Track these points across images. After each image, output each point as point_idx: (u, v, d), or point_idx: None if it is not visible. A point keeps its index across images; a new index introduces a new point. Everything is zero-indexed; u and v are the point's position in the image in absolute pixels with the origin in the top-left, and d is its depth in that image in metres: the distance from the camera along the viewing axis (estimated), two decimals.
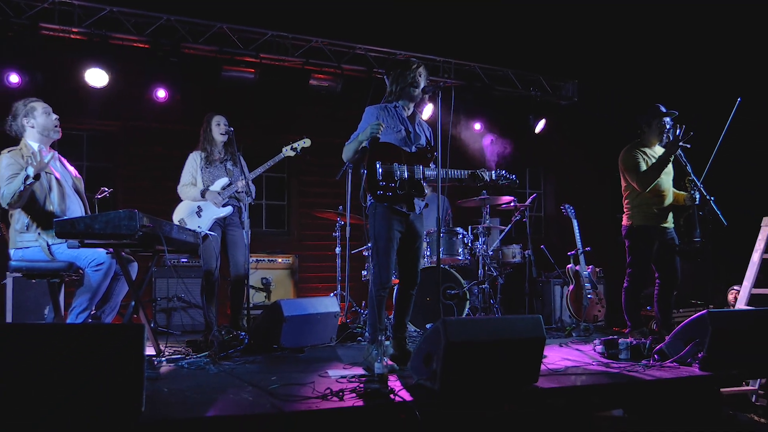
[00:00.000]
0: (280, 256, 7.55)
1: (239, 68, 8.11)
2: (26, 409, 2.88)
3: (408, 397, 3.60)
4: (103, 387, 2.97)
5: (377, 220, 4.61)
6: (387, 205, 4.59)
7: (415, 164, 4.65)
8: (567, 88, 10.33)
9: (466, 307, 6.45)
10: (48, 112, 4.84)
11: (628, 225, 5.88)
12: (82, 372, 2.94)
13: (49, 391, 2.91)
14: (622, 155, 5.92)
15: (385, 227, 4.58)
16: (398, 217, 4.62)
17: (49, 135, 4.80)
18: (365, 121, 4.73)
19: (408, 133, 4.75)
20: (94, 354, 2.97)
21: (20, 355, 2.88)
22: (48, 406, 2.91)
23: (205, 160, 6.04)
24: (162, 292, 6.93)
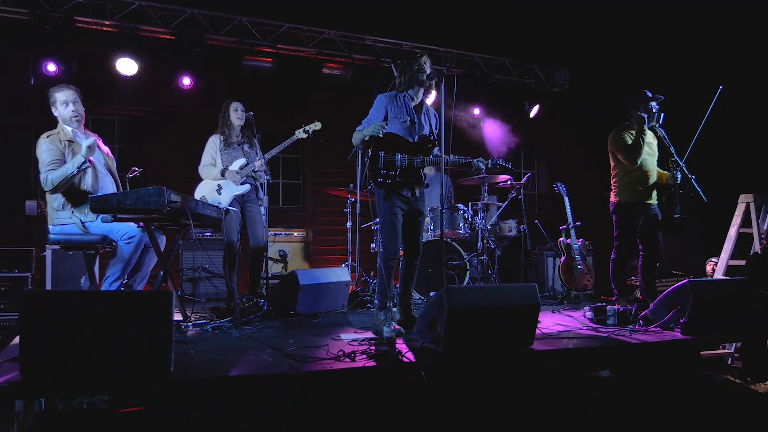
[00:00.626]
0: (296, 230, 7.52)
1: (258, 58, 8.03)
2: (69, 368, 2.87)
3: (414, 359, 3.57)
4: (135, 348, 2.96)
5: (380, 201, 4.63)
6: (388, 189, 4.59)
7: (417, 154, 4.63)
8: (559, 77, 10.19)
9: (466, 276, 6.41)
10: (67, 102, 4.69)
11: (616, 201, 5.82)
12: (117, 335, 2.93)
13: (89, 351, 2.89)
14: (611, 136, 5.85)
15: (389, 206, 4.59)
16: (399, 198, 4.63)
17: (69, 124, 4.71)
18: (374, 110, 4.71)
19: (413, 124, 4.71)
20: (127, 319, 2.96)
21: (63, 319, 2.86)
22: (88, 366, 2.90)
23: (223, 143, 5.99)
24: (188, 263, 6.91)
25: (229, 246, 5.87)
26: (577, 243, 6.86)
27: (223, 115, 6.06)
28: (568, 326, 4.93)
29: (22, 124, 7.21)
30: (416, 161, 4.61)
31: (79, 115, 4.76)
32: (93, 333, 2.88)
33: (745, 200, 6.29)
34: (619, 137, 5.74)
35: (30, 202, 6.96)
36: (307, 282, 5.36)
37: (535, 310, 3.91)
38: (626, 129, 5.78)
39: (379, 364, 3.50)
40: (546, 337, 4.38)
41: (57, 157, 4.54)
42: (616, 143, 5.76)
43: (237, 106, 6.05)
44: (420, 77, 4.66)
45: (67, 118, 4.69)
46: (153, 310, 3.00)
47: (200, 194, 5.96)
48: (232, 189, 5.91)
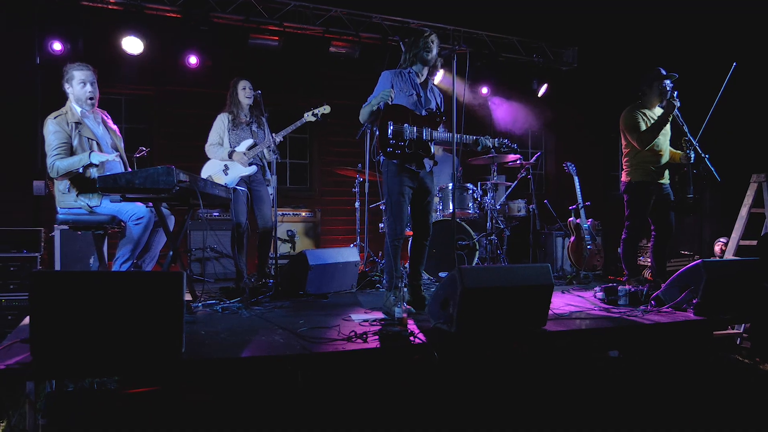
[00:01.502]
0: (304, 210, 7.45)
1: (264, 36, 7.92)
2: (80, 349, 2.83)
3: (426, 339, 3.52)
4: (146, 329, 2.92)
5: (389, 177, 4.53)
6: (397, 163, 4.50)
7: (425, 126, 4.57)
8: (568, 54, 10.04)
9: (475, 256, 6.35)
10: (84, 82, 4.61)
11: (627, 181, 5.73)
12: (127, 315, 2.88)
13: (99, 332, 2.85)
14: (623, 115, 5.74)
15: (397, 183, 4.50)
16: (408, 174, 4.54)
17: (81, 105, 4.63)
18: (380, 85, 4.62)
19: (419, 98, 4.64)
20: (138, 299, 2.91)
21: (73, 300, 2.82)
22: (98, 347, 2.86)
23: (231, 122, 5.92)
24: (197, 243, 6.86)
25: (237, 226, 5.83)
26: (586, 223, 6.78)
27: (231, 94, 5.98)
28: (579, 307, 4.88)
29: (28, 103, 7.13)
30: (425, 133, 4.55)
31: (94, 98, 4.70)
32: (103, 314, 2.84)
33: (758, 180, 6.21)
34: (631, 118, 5.63)
35: (38, 182, 6.90)
36: (316, 262, 5.31)
37: (548, 291, 3.86)
38: (638, 108, 5.67)
39: (391, 345, 3.45)
40: (558, 317, 4.32)
41: (64, 140, 4.47)
42: (628, 124, 5.65)
43: (245, 85, 5.97)
44: (424, 55, 4.57)
45: (82, 99, 4.62)
46: (164, 291, 2.95)
47: (206, 174, 5.90)
48: (238, 170, 5.85)
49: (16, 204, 7.07)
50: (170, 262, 4.33)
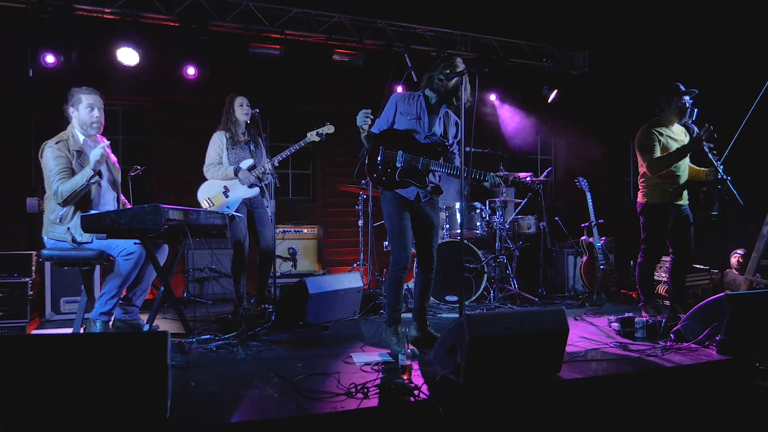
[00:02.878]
0: (306, 227, 7.18)
1: (265, 45, 7.63)
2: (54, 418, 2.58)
3: (431, 394, 3.26)
4: (128, 395, 2.67)
5: (386, 204, 4.32)
6: (385, 188, 4.29)
7: (422, 155, 4.25)
8: (578, 58, 9.72)
9: (483, 279, 6.08)
10: (92, 107, 4.39)
11: (644, 203, 5.43)
12: (108, 381, 2.64)
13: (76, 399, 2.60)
14: (639, 134, 5.43)
15: (395, 209, 4.28)
16: (403, 202, 4.29)
17: (86, 131, 4.39)
18: (387, 108, 4.37)
19: (420, 122, 4.32)
20: (118, 363, 2.67)
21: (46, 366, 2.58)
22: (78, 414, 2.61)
23: (229, 141, 5.65)
24: (195, 263, 6.61)
25: (237, 248, 5.60)
26: (599, 242, 6.48)
27: (227, 111, 5.72)
28: (594, 341, 4.61)
29: (22, 118, 6.89)
30: (421, 163, 4.23)
31: (100, 124, 4.47)
32: (80, 380, 2.60)
33: None
34: (646, 138, 5.32)
35: (31, 199, 6.66)
36: (316, 291, 5.06)
37: (563, 337, 3.60)
38: (655, 126, 5.37)
39: (394, 401, 3.19)
40: (572, 358, 4.05)
41: (65, 165, 4.25)
42: (642, 145, 5.35)
43: (242, 101, 5.71)
44: (436, 84, 4.27)
45: (87, 123, 4.40)
46: (146, 354, 2.70)
47: (205, 196, 5.65)
48: (240, 192, 5.60)
49: (9, 222, 6.84)
50: (160, 301, 4.07)
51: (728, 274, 6.94)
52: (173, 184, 7.55)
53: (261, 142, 5.82)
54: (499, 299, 6.17)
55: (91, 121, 4.35)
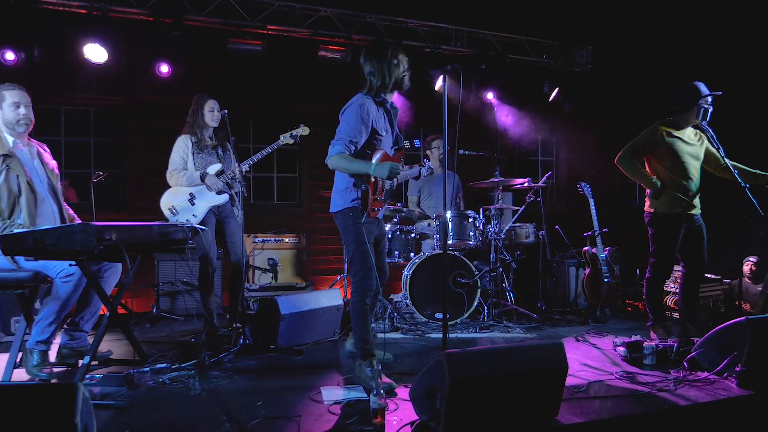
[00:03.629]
0: (287, 236, 6.66)
1: (245, 41, 7.10)
2: None
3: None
4: None
5: (354, 222, 3.80)
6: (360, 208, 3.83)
7: None
8: (581, 55, 9.19)
9: (476, 295, 5.57)
10: (18, 104, 3.88)
11: (652, 213, 4.91)
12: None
13: None
14: (646, 130, 4.93)
15: (362, 230, 3.80)
16: (371, 223, 3.92)
17: (13, 129, 3.89)
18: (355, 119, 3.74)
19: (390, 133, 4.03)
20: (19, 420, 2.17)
21: None
22: None
23: (195, 145, 5.17)
24: (165, 275, 6.12)
25: (203, 262, 5.12)
26: (603, 252, 5.96)
27: (194, 114, 5.24)
28: (597, 369, 4.12)
29: None
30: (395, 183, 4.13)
31: (29, 121, 3.96)
32: None
33: None
34: (645, 134, 4.86)
35: None
36: (289, 311, 4.57)
37: (562, 376, 3.09)
38: (666, 126, 4.85)
39: None
40: (573, 394, 3.54)
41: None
42: (636, 139, 4.89)
43: (213, 105, 5.25)
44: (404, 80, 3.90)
45: (13, 122, 3.88)
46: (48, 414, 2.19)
47: (169, 204, 5.16)
48: (208, 199, 5.13)
49: None
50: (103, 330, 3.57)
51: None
52: (147, 190, 7.00)
53: (230, 146, 5.35)
54: (494, 316, 5.66)
55: (17, 119, 3.85)
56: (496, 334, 5.26)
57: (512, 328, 5.42)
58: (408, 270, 5.67)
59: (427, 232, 6.09)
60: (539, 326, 5.55)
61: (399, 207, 5.69)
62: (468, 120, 8.50)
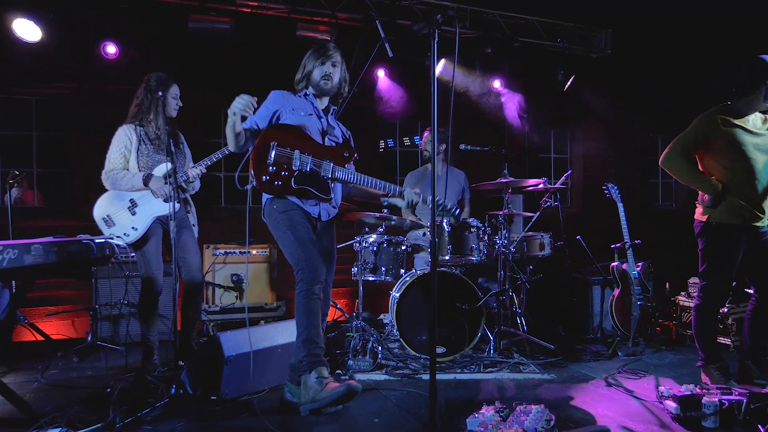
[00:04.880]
0: (255, 247, 5.56)
1: (211, 17, 6.04)
2: None
3: None
4: None
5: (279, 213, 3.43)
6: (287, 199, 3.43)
7: (324, 158, 3.46)
8: (599, 39, 8.11)
9: (481, 323, 4.47)
10: None
11: (704, 221, 3.82)
12: None
13: None
14: (696, 120, 3.85)
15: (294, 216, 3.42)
16: (300, 217, 3.45)
17: None
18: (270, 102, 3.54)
19: (320, 120, 3.59)
20: None
21: None
22: None
23: (143, 138, 4.16)
24: (106, 296, 5.07)
25: (146, 283, 4.15)
26: (635, 269, 4.86)
27: (145, 97, 4.25)
28: None
29: None
30: (323, 167, 3.44)
31: None
32: None
33: None
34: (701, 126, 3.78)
35: None
36: (236, 351, 3.52)
37: None
38: (723, 113, 3.77)
39: None
40: None
41: None
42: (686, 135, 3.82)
43: (177, 92, 4.33)
44: (321, 83, 3.57)
45: None
46: None
47: (103, 212, 4.20)
48: (152, 207, 4.17)
49: None
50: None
51: None
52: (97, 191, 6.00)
53: (182, 140, 4.36)
54: (503, 348, 4.57)
55: None
56: (504, 374, 4.16)
57: (525, 365, 4.34)
58: (396, 291, 4.61)
59: (421, 244, 5.01)
60: (558, 361, 4.47)
61: (386, 214, 4.59)
62: (471, 111, 7.51)
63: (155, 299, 4.17)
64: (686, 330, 5.28)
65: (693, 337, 3.99)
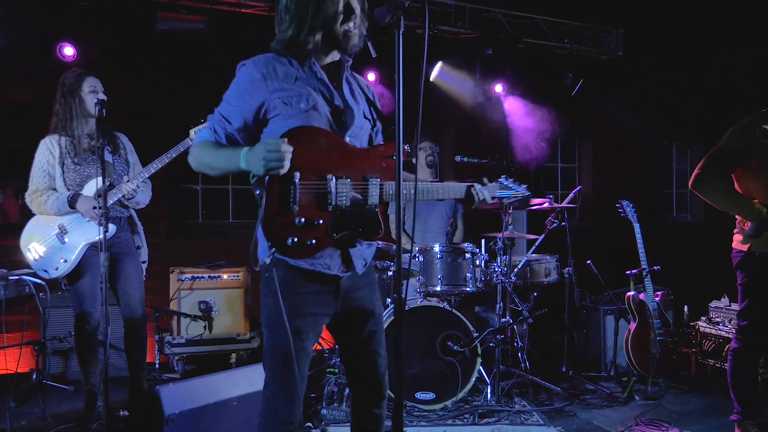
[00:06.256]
0: (226, 271, 4.95)
1: (181, 16, 5.46)
2: None
3: None
4: None
5: (271, 296, 2.08)
6: (293, 266, 2.08)
7: (366, 172, 2.12)
8: (610, 39, 7.53)
9: (476, 365, 3.84)
10: None
11: (745, 251, 3.20)
12: None
13: None
14: (729, 133, 3.24)
15: (290, 312, 2.05)
16: (315, 287, 2.13)
17: None
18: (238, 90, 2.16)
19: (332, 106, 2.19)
20: None
21: None
22: None
23: (69, 150, 3.57)
24: (57, 327, 4.47)
25: (79, 320, 3.56)
26: (654, 298, 4.22)
27: (65, 100, 3.68)
28: None
29: None
30: (371, 190, 2.12)
31: None
32: None
33: None
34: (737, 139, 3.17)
35: None
36: (180, 407, 2.94)
37: None
38: (763, 123, 3.15)
39: None
40: None
41: None
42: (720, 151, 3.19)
43: (95, 84, 3.69)
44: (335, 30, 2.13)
45: None
46: None
47: (29, 242, 3.58)
48: (85, 232, 3.60)
49: None
50: None
51: None
52: None
53: (122, 143, 3.77)
54: (502, 393, 3.93)
55: None
56: (504, 427, 3.54)
57: (527, 414, 3.73)
58: None
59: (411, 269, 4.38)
60: (566, 408, 3.85)
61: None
62: (469, 119, 6.92)
63: (92, 338, 3.60)
64: (707, 359, 4.71)
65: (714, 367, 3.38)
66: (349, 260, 2.15)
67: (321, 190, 2.04)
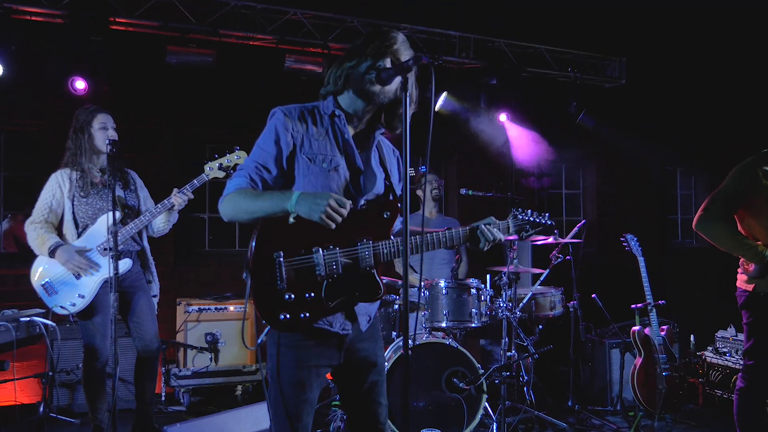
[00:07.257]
0: (233, 302, 4.97)
1: (190, 49, 5.51)
2: None
3: None
4: None
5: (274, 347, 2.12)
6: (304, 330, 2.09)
7: (362, 235, 2.11)
8: (613, 68, 7.60)
9: (482, 402, 3.83)
10: None
11: (750, 291, 3.20)
12: None
13: None
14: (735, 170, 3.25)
15: (292, 363, 2.10)
16: (317, 342, 2.13)
17: None
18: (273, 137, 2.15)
19: (353, 170, 2.20)
20: None
21: None
22: None
23: (79, 184, 3.60)
24: (66, 360, 4.48)
25: (89, 354, 3.57)
26: (659, 333, 4.21)
27: (77, 136, 3.71)
28: None
29: None
30: (361, 254, 2.09)
31: None
32: None
33: None
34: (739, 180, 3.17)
35: None
36: None
37: None
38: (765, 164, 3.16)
39: None
40: None
41: None
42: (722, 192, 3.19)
43: (106, 120, 3.72)
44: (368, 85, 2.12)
45: None
46: None
47: (43, 278, 3.67)
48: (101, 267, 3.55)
49: None
50: None
51: None
52: None
53: (132, 178, 3.80)
54: (507, 430, 3.91)
55: None
56: None
57: None
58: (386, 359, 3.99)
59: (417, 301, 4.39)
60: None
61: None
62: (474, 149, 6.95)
63: (100, 373, 3.61)
64: (714, 390, 4.67)
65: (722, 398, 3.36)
66: (354, 317, 2.16)
67: (307, 264, 2.04)
